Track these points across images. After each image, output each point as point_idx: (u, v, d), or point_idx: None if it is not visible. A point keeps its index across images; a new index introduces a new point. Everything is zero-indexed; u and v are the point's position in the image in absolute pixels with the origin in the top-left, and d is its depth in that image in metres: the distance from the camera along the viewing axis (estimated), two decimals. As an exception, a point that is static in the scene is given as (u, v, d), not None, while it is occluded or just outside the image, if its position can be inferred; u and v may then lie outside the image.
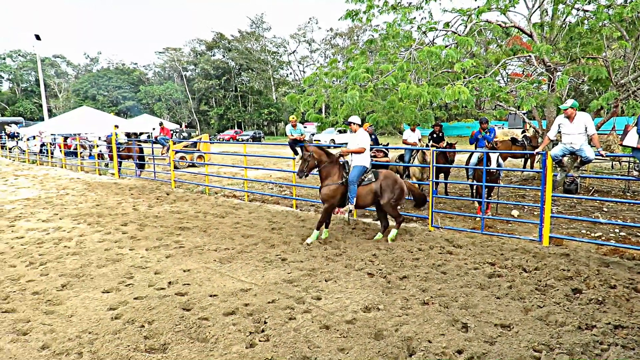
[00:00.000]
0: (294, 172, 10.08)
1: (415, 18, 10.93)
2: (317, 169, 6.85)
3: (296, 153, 10.30)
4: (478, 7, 9.98)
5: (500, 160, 7.98)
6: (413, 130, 10.60)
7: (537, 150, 7.18)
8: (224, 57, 64.33)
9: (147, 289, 4.84)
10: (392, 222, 7.13)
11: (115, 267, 5.61)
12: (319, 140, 33.05)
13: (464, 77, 9.51)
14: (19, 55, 70.87)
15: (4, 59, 70.74)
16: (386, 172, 7.08)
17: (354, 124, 6.92)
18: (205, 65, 60.88)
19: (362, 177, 6.76)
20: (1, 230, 7.62)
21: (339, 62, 29.07)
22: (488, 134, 8.91)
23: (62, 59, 76.15)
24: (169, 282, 5.05)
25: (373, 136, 9.94)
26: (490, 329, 3.88)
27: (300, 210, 9.40)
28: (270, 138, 55.98)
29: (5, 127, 30.31)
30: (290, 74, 68.50)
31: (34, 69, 67.42)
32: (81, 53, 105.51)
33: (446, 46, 9.91)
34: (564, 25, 10.82)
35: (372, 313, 4.24)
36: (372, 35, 14.39)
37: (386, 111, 10.50)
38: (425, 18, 11.27)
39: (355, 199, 6.66)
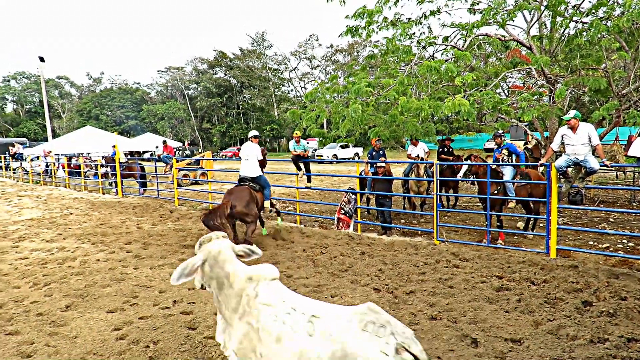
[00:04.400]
0: (297, 188, 10.09)
1: (414, 33, 11.03)
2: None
3: (299, 169, 10.30)
4: (476, 21, 10.07)
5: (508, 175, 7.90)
6: (415, 144, 10.62)
7: (540, 162, 7.15)
8: (225, 75, 64.96)
9: (152, 309, 4.80)
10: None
11: (120, 286, 5.58)
12: (322, 156, 33.12)
13: (465, 90, 9.55)
14: (23, 77, 71.87)
15: (9, 81, 71.77)
16: None
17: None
18: (207, 84, 61.45)
19: None
20: (5, 251, 7.60)
21: (339, 77, 29.32)
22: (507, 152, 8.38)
23: (66, 80, 77.03)
24: (174, 301, 5.00)
25: (382, 151, 9.96)
26: (501, 343, 3.81)
27: (304, 225, 9.36)
28: (273, 154, 56.15)
29: (10, 147, 30.52)
30: (292, 90, 69.02)
31: (37, 90, 68.19)
32: (84, 74, 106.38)
33: (446, 60, 9.99)
34: (562, 38, 10.88)
35: (379, 329, 4.18)
36: (373, 51, 14.52)
37: (388, 125, 10.53)
38: (424, 33, 11.38)
39: None
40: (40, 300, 5.16)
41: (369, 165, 9.71)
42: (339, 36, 11.49)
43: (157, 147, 30.44)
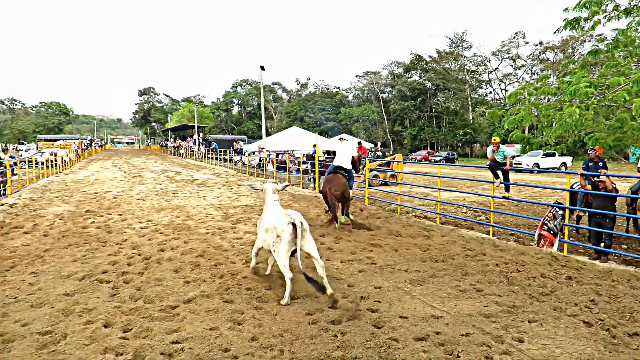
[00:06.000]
0: (491, 197, 9.38)
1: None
2: None
3: (497, 177, 9.54)
4: None
5: None
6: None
7: None
8: (420, 78, 64.89)
9: (341, 300, 5.03)
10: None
11: (313, 274, 6.01)
12: (520, 164, 30.23)
13: None
14: (247, 83, 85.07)
15: (236, 87, 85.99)
16: None
17: None
18: (402, 87, 62.33)
19: None
20: (225, 230, 9.00)
21: (549, 77, 26.23)
22: None
23: (279, 86, 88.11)
24: (361, 297, 5.16)
25: (602, 162, 8.50)
26: None
27: (498, 238, 8.64)
28: (464, 160, 53.74)
29: (234, 143, 36.29)
30: (490, 93, 64.87)
31: (257, 95, 79.79)
32: (294, 80, 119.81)
33: None
34: None
35: (591, 371, 3.55)
36: (597, 46, 12.51)
37: (612, 131, 8.92)
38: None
39: None
40: (249, 276, 5.93)
41: (584, 178, 8.39)
42: (556, 32, 10.19)
43: (351, 148, 32.21)
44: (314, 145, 17.43)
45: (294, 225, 5.01)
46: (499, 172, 9.54)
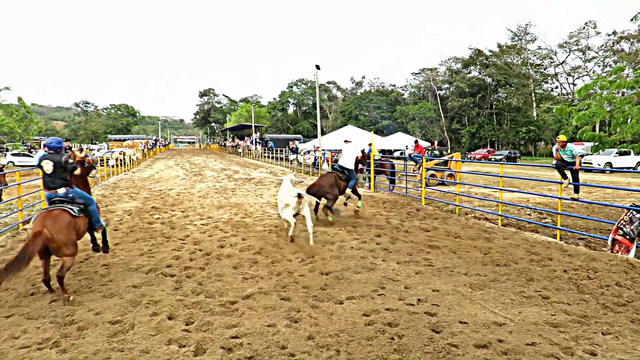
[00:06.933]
0: (559, 198, 8.85)
1: None
2: None
3: (564, 177, 8.98)
4: None
5: None
6: None
7: None
8: (480, 73, 62.62)
9: (397, 302, 4.95)
10: None
11: (370, 275, 5.97)
12: (590, 163, 28.36)
13: None
14: (302, 83, 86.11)
15: (292, 87, 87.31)
16: None
17: None
18: (460, 83, 60.48)
19: None
20: (282, 228, 9.11)
21: (624, 69, 24.39)
22: None
23: (334, 85, 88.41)
24: (419, 299, 5.04)
25: None
26: None
27: (566, 242, 8.13)
28: (528, 158, 51.23)
29: (289, 142, 36.82)
30: (556, 87, 61.34)
31: (312, 94, 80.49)
32: (348, 78, 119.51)
33: None
34: None
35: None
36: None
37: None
38: None
39: None
40: (306, 275, 5.98)
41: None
42: (632, 19, 9.44)
43: (407, 147, 31.72)
44: (370, 144, 17.31)
45: (299, 196, 7.61)
46: (567, 172, 8.98)
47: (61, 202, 5.44)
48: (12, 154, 37.83)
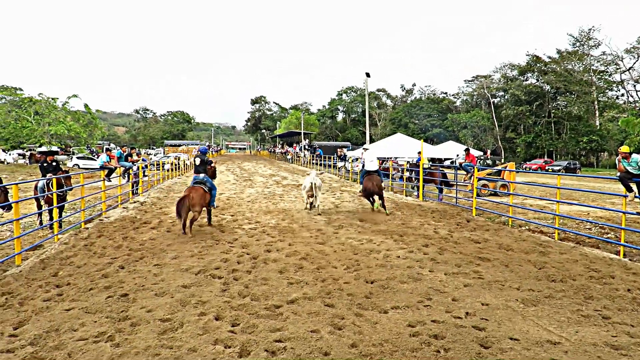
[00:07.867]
0: (622, 213, 8.30)
1: None
2: None
3: (630, 190, 8.42)
4: None
5: None
6: None
7: None
8: (537, 80, 60.05)
9: (444, 315, 4.82)
10: None
11: (416, 285, 5.85)
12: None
13: None
14: (352, 91, 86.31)
15: (341, 95, 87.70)
16: None
17: None
18: (516, 91, 58.23)
19: None
20: (328, 236, 9.15)
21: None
22: None
23: (383, 92, 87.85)
24: (467, 313, 4.88)
25: None
26: None
27: (630, 260, 7.60)
28: (589, 170, 48.47)
29: (337, 149, 36.90)
30: (622, 95, 57.63)
31: (361, 102, 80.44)
32: (399, 86, 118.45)
33: None
34: None
35: None
36: None
37: None
38: None
39: None
40: (350, 282, 5.95)
41: None
42: None
43: (457, 155, 30.92)
44: (419, 153, 17.02)
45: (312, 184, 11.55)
46: (633, 185, 8.42)
47: (201, 182, 9.45)
48: (78, 157, 40.34)
